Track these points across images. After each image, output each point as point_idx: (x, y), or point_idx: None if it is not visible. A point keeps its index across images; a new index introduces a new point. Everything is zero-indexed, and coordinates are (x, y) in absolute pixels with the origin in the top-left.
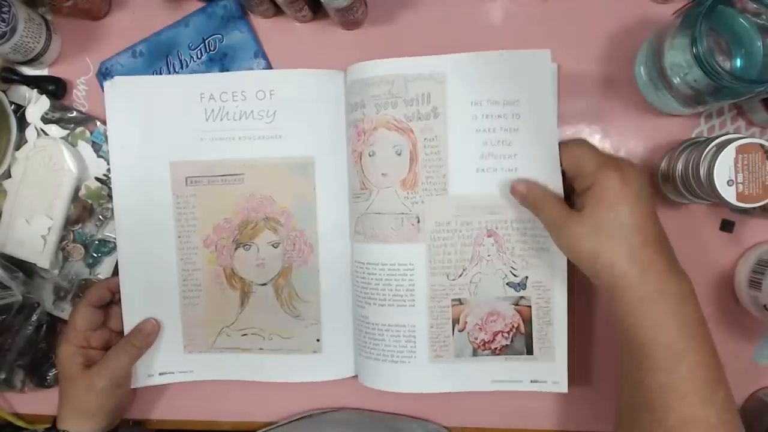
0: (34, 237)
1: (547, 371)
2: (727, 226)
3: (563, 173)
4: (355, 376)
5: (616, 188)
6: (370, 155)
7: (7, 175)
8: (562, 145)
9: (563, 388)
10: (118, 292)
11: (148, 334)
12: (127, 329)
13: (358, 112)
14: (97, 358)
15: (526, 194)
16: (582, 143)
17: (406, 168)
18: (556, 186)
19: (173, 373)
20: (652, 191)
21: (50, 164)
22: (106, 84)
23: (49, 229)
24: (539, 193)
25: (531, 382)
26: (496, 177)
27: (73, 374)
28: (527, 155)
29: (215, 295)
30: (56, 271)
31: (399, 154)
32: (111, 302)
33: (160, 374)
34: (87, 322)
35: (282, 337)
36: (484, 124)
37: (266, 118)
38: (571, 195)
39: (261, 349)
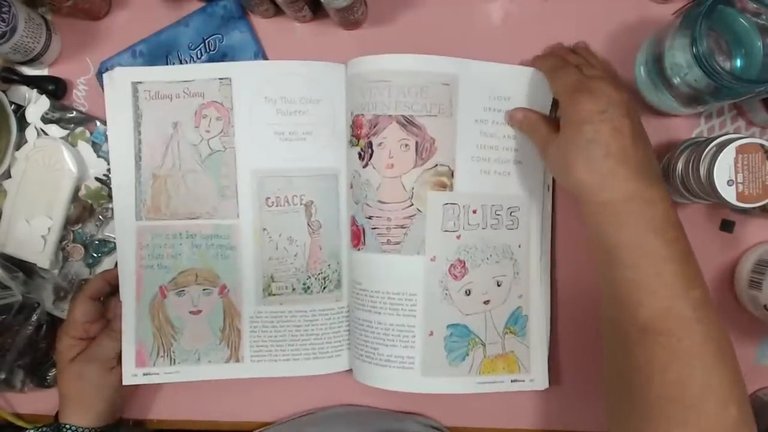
0: (34, 237)
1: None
2: (727, 226)
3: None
4: (349, 370)
5: (584, 108)
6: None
7: (7, 175)
8: (553, 71)
9: (542, 385)
10: (117, 283)
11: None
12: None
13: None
14: None
15: (522, 120)
16: (560, 62)
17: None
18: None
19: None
20: (632, 104)
21: (50, 164)
22: (105, 76)
23: (49, 229)
24: (533, 117)
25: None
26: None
27: (63, 366)
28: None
29: None
30: (56, 271)
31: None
32: (110, 294)
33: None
34: (86, 314)
35: None
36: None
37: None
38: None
39: None
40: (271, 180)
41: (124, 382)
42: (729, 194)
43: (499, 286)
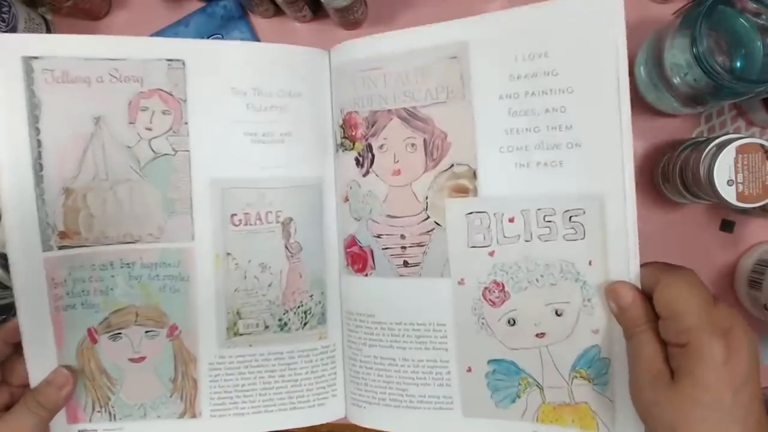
0: None
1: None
2: (727, 226)
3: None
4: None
5: (721, 366)
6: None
7: None
8: (657, 270)
9: None
10: (19, 340)
11: (59, 386)
12: (33, 382)
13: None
14: None
15: (626, 310)
16: (686, 280)
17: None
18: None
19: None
20: (759, 353)
21: None
22: None
23: None
24: (643, 320)
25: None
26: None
27: None
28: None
29: None
30: None
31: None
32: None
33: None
34: None
35: None
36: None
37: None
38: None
39: None
40: (237, 192)
41: None
42: (729, 194)
43: (558, 315)
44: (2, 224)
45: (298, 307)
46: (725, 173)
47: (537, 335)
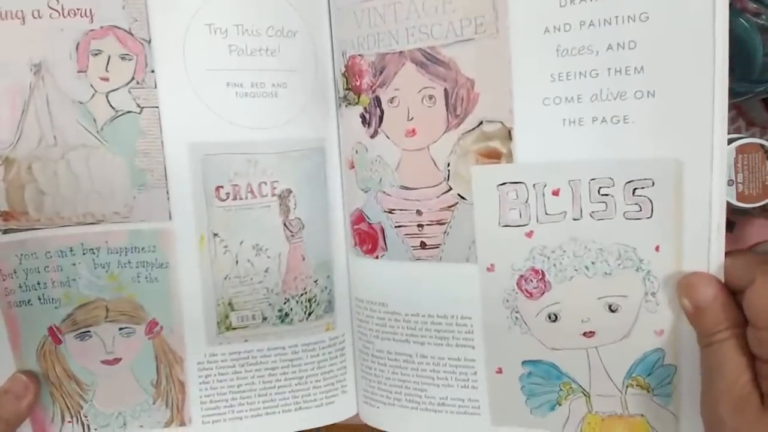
0: None
1: None
2: (727, 226)
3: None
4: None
5: None
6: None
7: None
8: (752, 261)
9: None
10: None
11: (18, 396)
12: None
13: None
14: None
15: (705, 309)
16: None
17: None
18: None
19: None
20: None
21: None
22: None
23: None
24: (727, 323)
25: None
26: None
27: None
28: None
29: None
30: None
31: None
32: None
33: None
34: None
35: None
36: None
37: None
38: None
39: None
40: (222, 159)
41: None
42: (729, 194)
43: (613, 311)
44: None
45: (301, 294)
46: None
47: (585, 334)
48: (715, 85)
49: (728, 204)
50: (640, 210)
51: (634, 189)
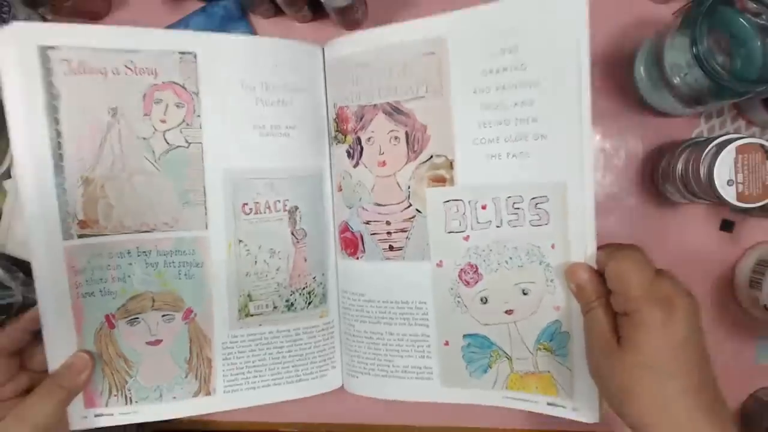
0: None
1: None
2: (727, 226)
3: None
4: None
5: (659, 329)
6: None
7: (7, 175)
8: (610, 250)
9: (590, 417)
10: (38, 327)
11: (79, 370)
12: (52, 367)
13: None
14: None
15: (582, 287)
16: (631, 257)
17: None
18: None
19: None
20: (702, 324)
21: None
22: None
23: None
24: (596, 296)
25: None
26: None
27: None
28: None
29: None
30: None
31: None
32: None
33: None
34: None
35: None
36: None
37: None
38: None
39: None
40: (249, 183)
41: (72, 427)
42: (729, 194)
43: (525, 294)
44: (3, 224)
45: (303, 288)
46: (725, 173)
47: (506, 312)
48: (582, 131)
49: (728, 204)
50: (540, 219)
51: (537, 203)
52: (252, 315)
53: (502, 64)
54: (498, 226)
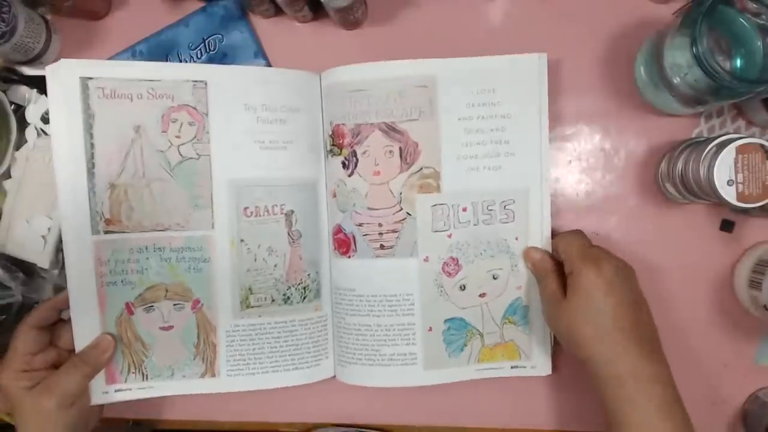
0: (34, 237)
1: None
2: (727, 226)
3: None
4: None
5: (590, 278)
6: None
7: (7, 175)
8: (559, 233)
9: (544, 371)
10: (67, 309)
11: (103, 350)
12: (78, 346)
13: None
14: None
15: (536, 263)
16: (574, 233)
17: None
18: (544, 206)
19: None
20: (634, 273)
21: (50, 164)
22: (48, 69)
23: (49, 229)
24: (547, 267)
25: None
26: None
27: (18, 398)
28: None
29: None
30: (56, 271)
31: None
32: (59, 320)
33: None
34: (30, 345)
35: None
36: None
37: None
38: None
39: None
40: (250, 190)
41: (95, 401)
42: (729, 194)
43: (495, 279)
44: (3, 224)
45: (299, 284)
46: (725, 173)
47: (480, 295)
48: (542, 150)
49: (728, 204)
50: (508, 217)
51: (505, 205)
52: (252, 306)
53: (482, 100)
54: (475, 225)
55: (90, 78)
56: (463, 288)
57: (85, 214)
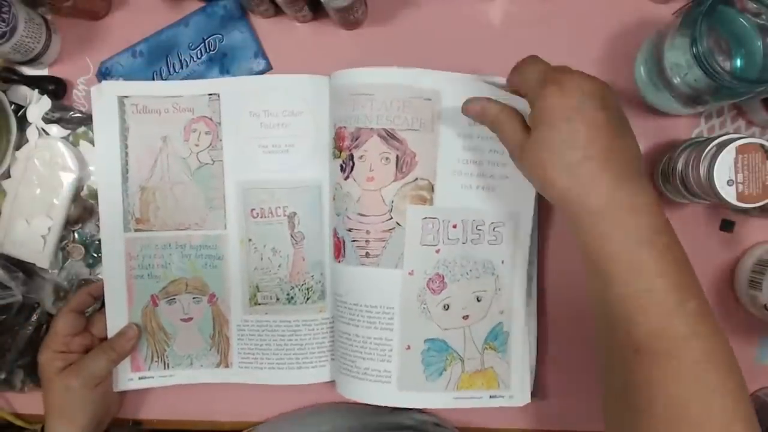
0: (34, 237)
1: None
2: (727, 226)
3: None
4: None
5: (554, 103)
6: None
7: (7, 175)
8: (518, 66)
9: (522, 401)
10: (101, 298)
11: (129, 338)
12: (110, 334)
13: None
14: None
15: (482, 112)
16: (528, 59)
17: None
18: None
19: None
20: (608, 91)
21: (51, 164)
22: (93, 90)
23: (49, 229)
24: (496, 111)
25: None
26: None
27: (50, 376)
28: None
29: None
30: (56, 271)
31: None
32: (94, 307)
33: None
34: (68, 327)
35: None
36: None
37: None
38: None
39: None
40: (255, 192)
41: (120, 387)
42: (729, 194)
43: (479, 301)
44: (3, 224)
45: (302, 284)
46: (725, 173)
47: (463, 317)
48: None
49: (728, 204)
50: (496, 239)
51: (494, 227)
52: (259, 304)
53: None
54: (464, 243)
55: (126, 96)
56: (446, 308)
57: (119, 214)
